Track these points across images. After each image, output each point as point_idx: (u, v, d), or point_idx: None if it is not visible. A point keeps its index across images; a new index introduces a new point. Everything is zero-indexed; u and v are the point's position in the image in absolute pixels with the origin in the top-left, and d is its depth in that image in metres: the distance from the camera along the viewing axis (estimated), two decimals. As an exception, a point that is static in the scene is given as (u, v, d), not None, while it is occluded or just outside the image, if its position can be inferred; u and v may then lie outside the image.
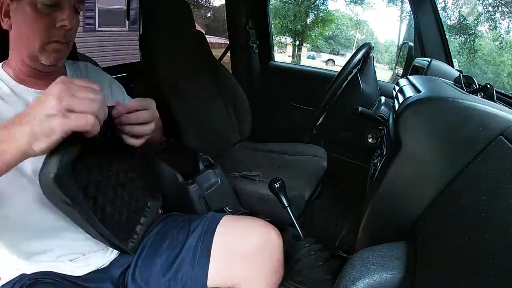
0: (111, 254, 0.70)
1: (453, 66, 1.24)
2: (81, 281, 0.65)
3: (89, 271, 0.67)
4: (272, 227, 0.73)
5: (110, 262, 0.70)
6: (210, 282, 0.69)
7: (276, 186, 0.96)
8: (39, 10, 0.55)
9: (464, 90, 0.66)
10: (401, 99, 0.67)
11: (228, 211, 1.02)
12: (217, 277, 0.69)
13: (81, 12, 0.61)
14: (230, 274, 0.69)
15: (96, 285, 0.66)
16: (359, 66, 1.17)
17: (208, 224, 0.73)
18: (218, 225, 0.72)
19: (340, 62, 6.51)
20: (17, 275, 0.62)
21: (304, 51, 7.38)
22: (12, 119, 0.42)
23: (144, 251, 0.72)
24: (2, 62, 0.62)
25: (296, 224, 0.96)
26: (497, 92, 0.66)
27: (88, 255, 0.67)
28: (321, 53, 7.34)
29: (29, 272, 0.62)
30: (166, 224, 0.77)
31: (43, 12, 0.55)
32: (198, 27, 1.65)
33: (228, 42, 1.93)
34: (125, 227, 0.66)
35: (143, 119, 0.52)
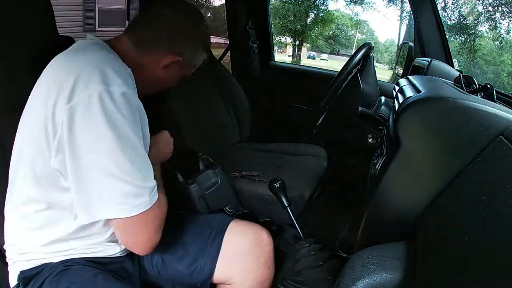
0: None
1: (453, 66, 1.24)
2: (111, 262, 0.66)
3: (117, 252, 0.68)
4: (263, 229, 0.79)
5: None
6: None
7: (276, 186, 0.96)
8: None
9: (464, 90, 0.66)
10: (401, 99, 0.67)
11: (228, 211, 1.02)
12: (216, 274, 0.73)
13: (81, 12, 0.62)
14: (225, 269, 0.73)
15: (124, 265, 0.69)
16: (359, 66, 1.17)
17: (220, 223, 0.78)
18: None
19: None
20: (41, 262, 0.62)
21: (304, 51, 7.38)
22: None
23: None
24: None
25: (296, 224, 0.96)
26: (497, 92, 0.66)
27: None
28: (322, 53, 7.34)
29: (55, 261, 0.62)
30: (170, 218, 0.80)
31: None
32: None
33: (228, 42, 1.93)
34: None
35: None
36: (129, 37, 0.65)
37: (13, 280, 0.64)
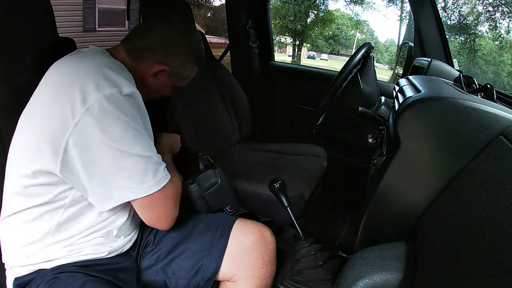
0: (133, 238, 0.74)
1: (453, 66, 1.24)
2: (106, 263, 0.67)
3: (112, 251, 0.69)
4: (266, 227, 0.81)
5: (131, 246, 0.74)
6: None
7: (276, 186, 0.96)
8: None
9: (464, 90, 0.66)
10: (401, 99, 0.67)
11: (228, 211, 1.02)
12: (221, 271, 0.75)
13: (81, 12, 0.63)
14: (230, 267, 0.75)
15: (120, 265, 0.69)
16: (359, 66, 1.16)
17: (225, 222, 0.80)
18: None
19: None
20: (35, 269, 0.63)
21: (304, 51, 7.37)
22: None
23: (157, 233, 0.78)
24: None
25: (296, 224, 0.95)
26: (497, 92, 0.66)
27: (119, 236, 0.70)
28: (322, 53, 7.34)
29: (49, 267, 0.63)
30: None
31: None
32: (198, 27, 1.65)
33: (228, 42, 1.93)
34: None
35: None
36: (124, 46, 0.71)
37: (9, 285, 0.64)
